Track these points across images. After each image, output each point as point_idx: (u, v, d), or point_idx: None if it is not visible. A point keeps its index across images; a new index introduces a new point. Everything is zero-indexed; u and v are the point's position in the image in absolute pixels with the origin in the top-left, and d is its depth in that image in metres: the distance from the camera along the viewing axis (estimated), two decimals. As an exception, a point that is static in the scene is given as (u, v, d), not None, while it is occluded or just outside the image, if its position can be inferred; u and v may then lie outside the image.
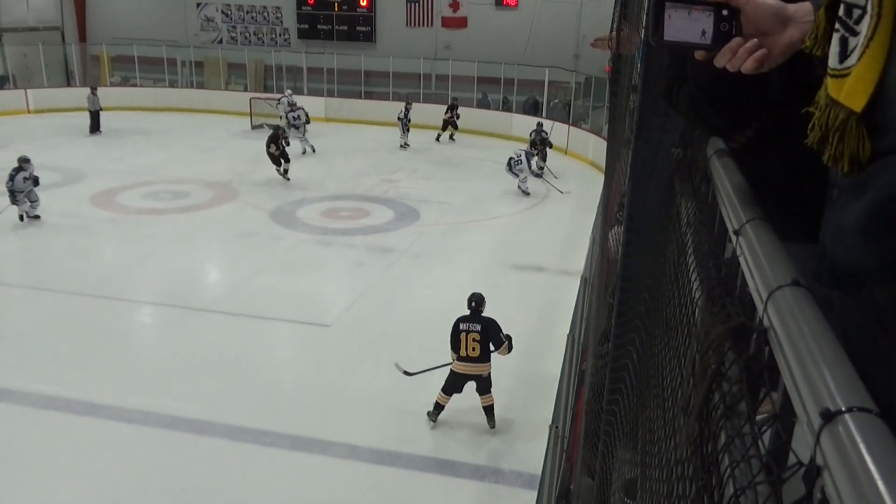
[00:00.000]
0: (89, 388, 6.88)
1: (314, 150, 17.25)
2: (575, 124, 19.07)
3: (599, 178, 15.30)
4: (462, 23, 23.39)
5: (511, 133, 20.27)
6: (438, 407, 6.46)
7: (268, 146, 14.42)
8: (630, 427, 1.92)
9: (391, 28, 23.96)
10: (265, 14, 25.06)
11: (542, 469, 4.20)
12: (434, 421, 6.47)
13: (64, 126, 19.51)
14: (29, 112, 21.17)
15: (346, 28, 24.20)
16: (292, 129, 16.73)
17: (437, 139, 19.77)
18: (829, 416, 0.41)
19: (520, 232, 12.39)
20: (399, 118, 18.61)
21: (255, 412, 6.58)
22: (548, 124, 17.72)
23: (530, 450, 5.96)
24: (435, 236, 11.86)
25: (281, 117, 18.19)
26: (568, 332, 4.46)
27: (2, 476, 5.60)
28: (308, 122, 17.46)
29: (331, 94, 22.70)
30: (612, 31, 7.03)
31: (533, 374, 7.55)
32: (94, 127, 19.33)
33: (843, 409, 0.42)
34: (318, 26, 24.42)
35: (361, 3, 23.95)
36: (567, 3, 21.87)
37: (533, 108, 20.93)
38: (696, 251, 0.98)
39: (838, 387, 0.44)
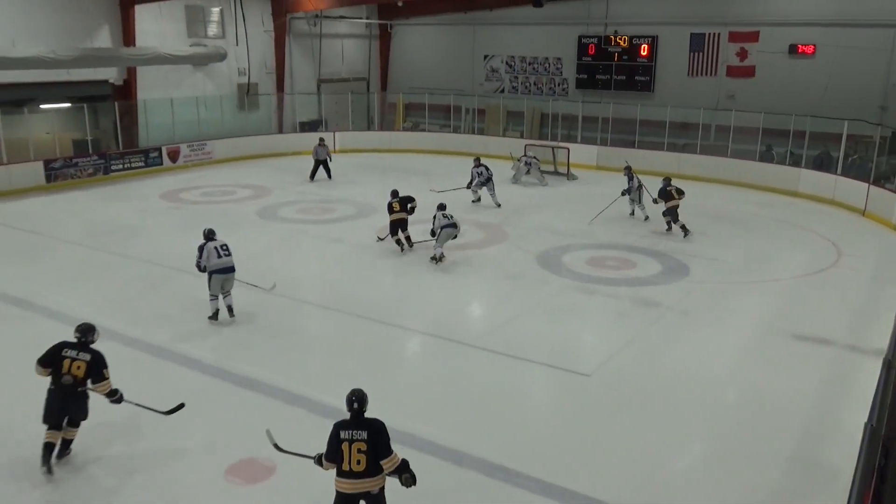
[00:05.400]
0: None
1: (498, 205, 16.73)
2: (876, 183, 16.99)
3: (905, 246, 13.49)
4: (749, 72, 22.21)
5: (798, 189, 18.68)
6: None
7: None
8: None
9: (671, 78, 23.53)
10: (546, 65, 26.04)
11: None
12: None
13: (363, 165, 21.97)
14: (335, 152, 24.06)
15: (624, 78, 24.25)
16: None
17: None
18: None
19: (804, 298, 11.28)
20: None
21: (508, 451, 6.72)
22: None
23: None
24: (705, 294, 11.25)
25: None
26: (866, 420, 3.95)
27: (289, 475, 6.31)
28: (490, 178, 16.79)
29: (604, 142, 22.77)
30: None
31: (810, 459, 6.80)
32: (314, 175, 19.66)
33: None
34: (597, 76, 24.77)
35: (642, 53, 23.87)
36: (874, 49, 19.79)
37: (824, 163, 19.05)
38: None
39: None
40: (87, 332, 6.44)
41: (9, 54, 17.31)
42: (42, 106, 18.94)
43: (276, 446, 5.78)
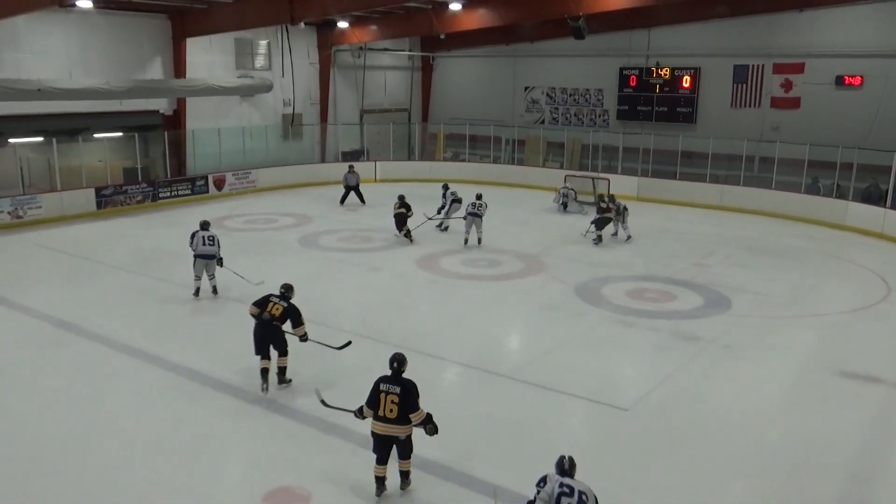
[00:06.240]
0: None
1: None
2: (928, 217, 16.54)
3: (959, 282, 13.05)
4: (794, 103, 21.94)
5: (845, 222, 18.25)
6: (378, 480, 6.35)
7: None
8: None
9: (714, 109, 23.36)
10: (587, 96, 26.10)
11: None
12: (378, 496, 6.33)
13: (403, 194, 22.05)
14: (375, 181, 24.34)
15: (666, 109, 24.16)
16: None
17: None
18: None
19: (851, 334, 10.97)
20: None
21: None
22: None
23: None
24: (748, 329, 11.01)
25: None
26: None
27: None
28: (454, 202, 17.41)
29: (645, 173, 22.60)
30: None
31: (858, 501, 6.56)
32: (344, 200, 20.43)
33: None
34: (638, 107, 24.73)
35: (684, 84, 23.77)
36: (924, 80, 19.42)
37: (872, 196, 18.59)
38: None
39: None
40: (288, 289, 8.65)
41: (65, 85, 18.00)
42: (95, 135, 19.60)
43: (322, 402, 6.99)
